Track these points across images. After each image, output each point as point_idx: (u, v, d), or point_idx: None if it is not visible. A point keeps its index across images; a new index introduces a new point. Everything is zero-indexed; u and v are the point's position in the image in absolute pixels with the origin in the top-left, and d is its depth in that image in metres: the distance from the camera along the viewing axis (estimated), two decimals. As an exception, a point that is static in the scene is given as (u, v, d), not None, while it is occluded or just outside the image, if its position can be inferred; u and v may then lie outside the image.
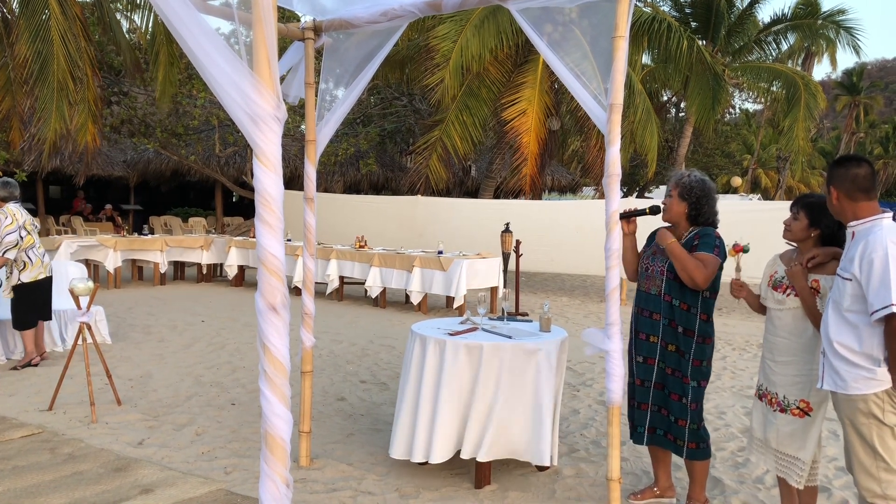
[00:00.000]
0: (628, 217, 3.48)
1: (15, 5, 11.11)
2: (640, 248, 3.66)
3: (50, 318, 6.27)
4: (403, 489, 3.68)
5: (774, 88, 17.69)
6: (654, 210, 3.52)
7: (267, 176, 1.94)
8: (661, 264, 3.39)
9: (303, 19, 3.79)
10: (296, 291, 9.91)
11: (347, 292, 11.17)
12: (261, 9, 1.91)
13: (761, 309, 3.17)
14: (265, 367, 2.00)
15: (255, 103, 1.90)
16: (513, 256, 9.49)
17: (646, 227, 3.85)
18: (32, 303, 5.98)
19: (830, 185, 2.63)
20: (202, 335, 7.70)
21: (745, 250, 3.15)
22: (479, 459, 3.59)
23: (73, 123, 10.88)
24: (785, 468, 2.97)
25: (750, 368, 6.71)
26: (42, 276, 6.00)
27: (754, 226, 9.50)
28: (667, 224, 3.49)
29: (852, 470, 2.59)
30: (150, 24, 12.31)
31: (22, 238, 5.83)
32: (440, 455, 3.59)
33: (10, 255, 5.78)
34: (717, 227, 3.42)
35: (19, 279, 5.86)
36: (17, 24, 10.63)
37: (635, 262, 3.59)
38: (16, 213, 5.88)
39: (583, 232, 10.87)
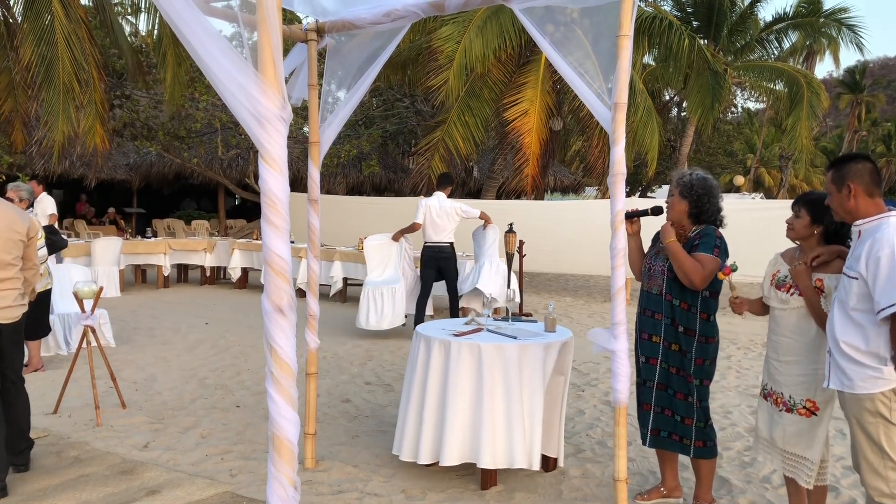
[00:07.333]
0: (631, 217, 3.47)
1: (18, 9, 11.11)
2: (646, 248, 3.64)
3: (48, 333, 6.15)
4: (409, 491, 3.67)
5: (777, 87, 17.66)
6: (655, 210, 3.49)
7: (273, 177, 1.94)
8: (662, 263, 3.39)
9: (304, 21, 3.80)
10: (300, 293, 9.91)
11: (351, 294, 11.15)
12: (265, 10, 1.91)
13: (764, 311, 3.14)
14: (272, 369, 1.99)
15: (260, 104, 1.90)
16: (516, 257, 9.46)
17: (652, 227, 3.82)
18: (43, 312, 5.95)
19: (849, 182, 2.55)
20: (206, 338, 7.70)
21: (734, 269, 3.09)
22: (497, 468, 3.57)
23: (81, 126, 10.87)
24: (793, 468, 2.96)
25: (755, 367, 6.69)
26: (49, 287, 5.98)
27: (756, 224, 9.50)
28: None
29: (859, 469, 2.58)
30: (157, 26, 12.30)
31: None
32: (451, 458, 3.57)
33: (42, 268, 5.72)
34: (721, 226, 3.40)
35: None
36: (20, 28, 10.63)
37: (640, 262, 3.59)
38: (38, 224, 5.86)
39: (586, 232, 10.85)
